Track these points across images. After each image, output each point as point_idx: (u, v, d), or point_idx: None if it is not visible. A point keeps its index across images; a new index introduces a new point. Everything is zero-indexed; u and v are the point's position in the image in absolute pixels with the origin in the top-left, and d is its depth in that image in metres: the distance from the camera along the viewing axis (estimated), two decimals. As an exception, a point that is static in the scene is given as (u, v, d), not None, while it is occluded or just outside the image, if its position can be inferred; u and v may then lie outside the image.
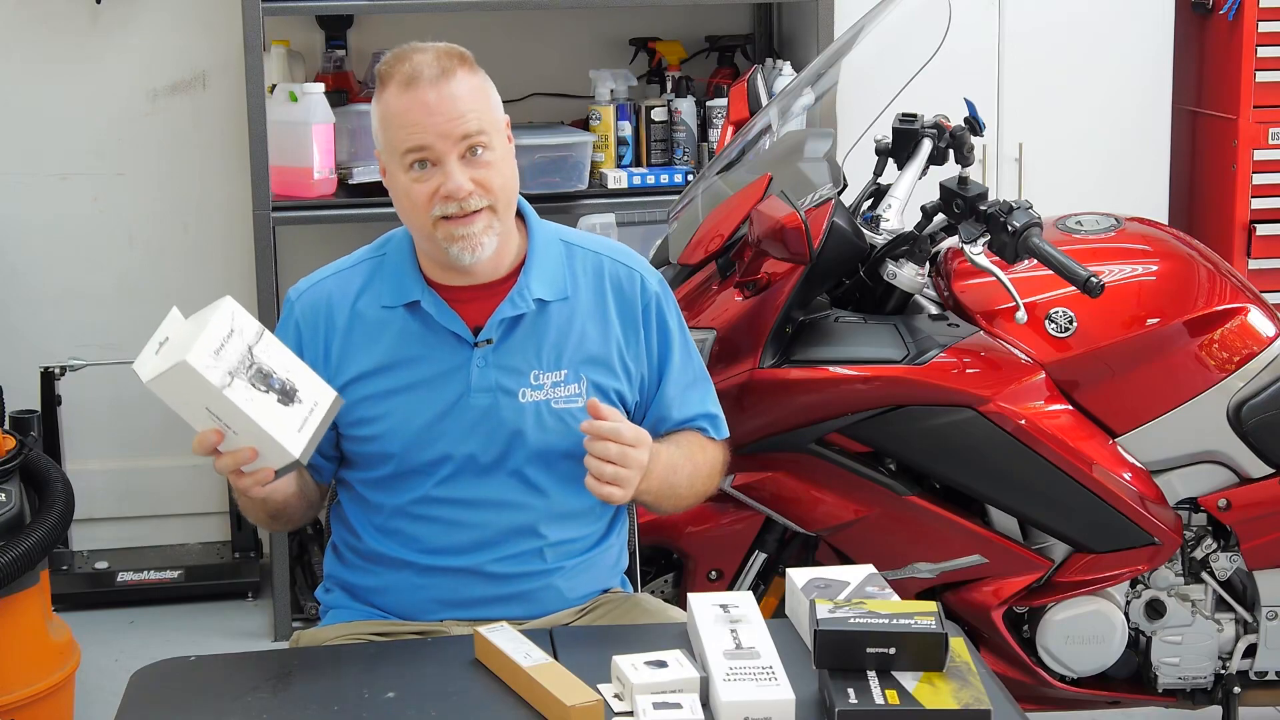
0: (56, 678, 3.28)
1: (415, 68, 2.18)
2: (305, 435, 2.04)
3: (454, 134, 2.17)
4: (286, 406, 2.03)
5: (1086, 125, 4.37)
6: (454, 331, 2.25)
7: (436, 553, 2.28)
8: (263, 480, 2.05)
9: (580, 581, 2.34)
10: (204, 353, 1.97)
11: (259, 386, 2.01)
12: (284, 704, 1.96)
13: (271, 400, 2.02)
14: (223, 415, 1.99)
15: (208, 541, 4.49)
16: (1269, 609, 3.08)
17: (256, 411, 2.00)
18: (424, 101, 2.17)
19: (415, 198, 2.20)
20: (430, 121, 2.17)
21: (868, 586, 2.07)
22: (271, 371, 2.03)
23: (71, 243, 4.40)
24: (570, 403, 2.27)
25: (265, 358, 2.03)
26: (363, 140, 4.13)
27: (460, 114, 2.18)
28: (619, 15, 4.50)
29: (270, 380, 2.02)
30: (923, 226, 3.00)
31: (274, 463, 2.04)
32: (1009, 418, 2.91)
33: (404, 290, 2.27)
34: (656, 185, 4.17)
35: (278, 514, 2.27)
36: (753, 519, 3.08)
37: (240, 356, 2.00)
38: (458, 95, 2.19)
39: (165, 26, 4.35)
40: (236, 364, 1.99)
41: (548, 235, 2.34)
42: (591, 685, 1.88)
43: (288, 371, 2.05)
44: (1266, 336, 3.02)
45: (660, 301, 2.36)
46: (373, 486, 2.30)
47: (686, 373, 2.38)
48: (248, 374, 2.00)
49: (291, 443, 2.03)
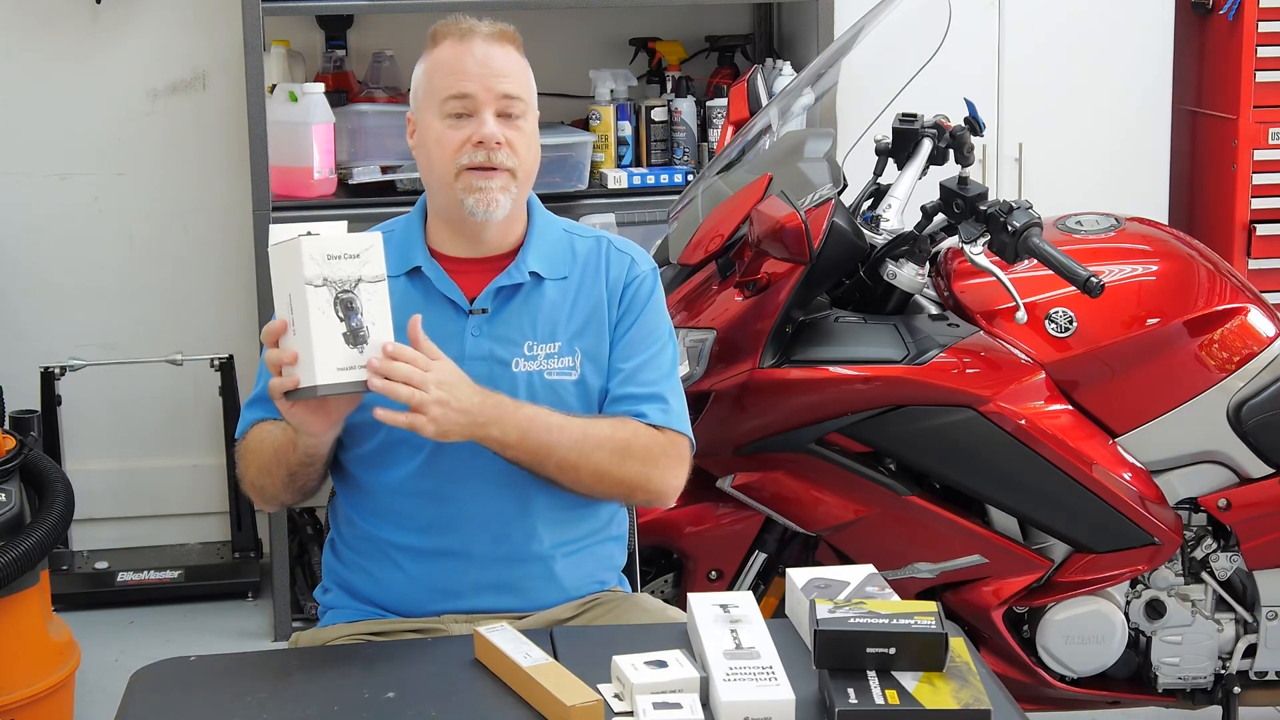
0: (56, 678, 3.28)
1: (473, 26, 2.31)
2: (341, 377, 2.03)
3: (496, 89, 2.27)
4: (349, 346, 2.04)
5: (1086, 125, 4.37)
6: (450, 299, 2.29)
7: (429, 531, 2.28)
8: (285, 386, 2.05)
9: (578, 571, 2.34)
10: (320, 249, 2.01)
11: (339, 310, 2.03)
12: (284, 704, 1.95)
13: (339, 329, 2.03)
14: (296, 310, 2.02)
15: (208, 541, 4.49)
16: (1269, 609, 3.08)
17: (318, 323, 2.01)
18: (474, 54, 2.28)
19: (446, 143, 2.27)
20: (478, 72, 2.27)
21: (868, 586, 2.07)
22: (359, 310, 2.04)
23: (71, 243, 4.40)
24: (564, 375, 2.29)
25: (365, 297, 2.05)
26: (363, 140, 4.13)
27: (505, 73, 2.29)
28: (619, 15, 4.50)
29: (351, 315, 2.04)
30: (923, 226, 3.00)
31: (302, 378, 2.04)
32: (1009, 418, 2.92)
33: (407, 258, 2.32)
34: (656, 185, 4.18)
35: (297, 474, 2.26)
36: (753, 519, 3.08)
37: (345, 277, 2.03)
38: (507, 59, 2.30)
39: (165, 26, 4.35)
40: (338, 279, 2.02)
41: (549, 221, 2.40)
42: (591, 685, 1.88)
43: (374, 324, 2.06)
44: (1266, 336, 3.02)
45: (642, 284, 2.36)
46: (364, 464, 2.31)
47: (643, 352, 2.34)
48: (338, 292, 2.02)
49: (324, 371, 2.02)
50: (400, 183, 4.01)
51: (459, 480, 2.28)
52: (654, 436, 2.30)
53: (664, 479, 2.30)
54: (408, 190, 3.96)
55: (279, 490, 2.30)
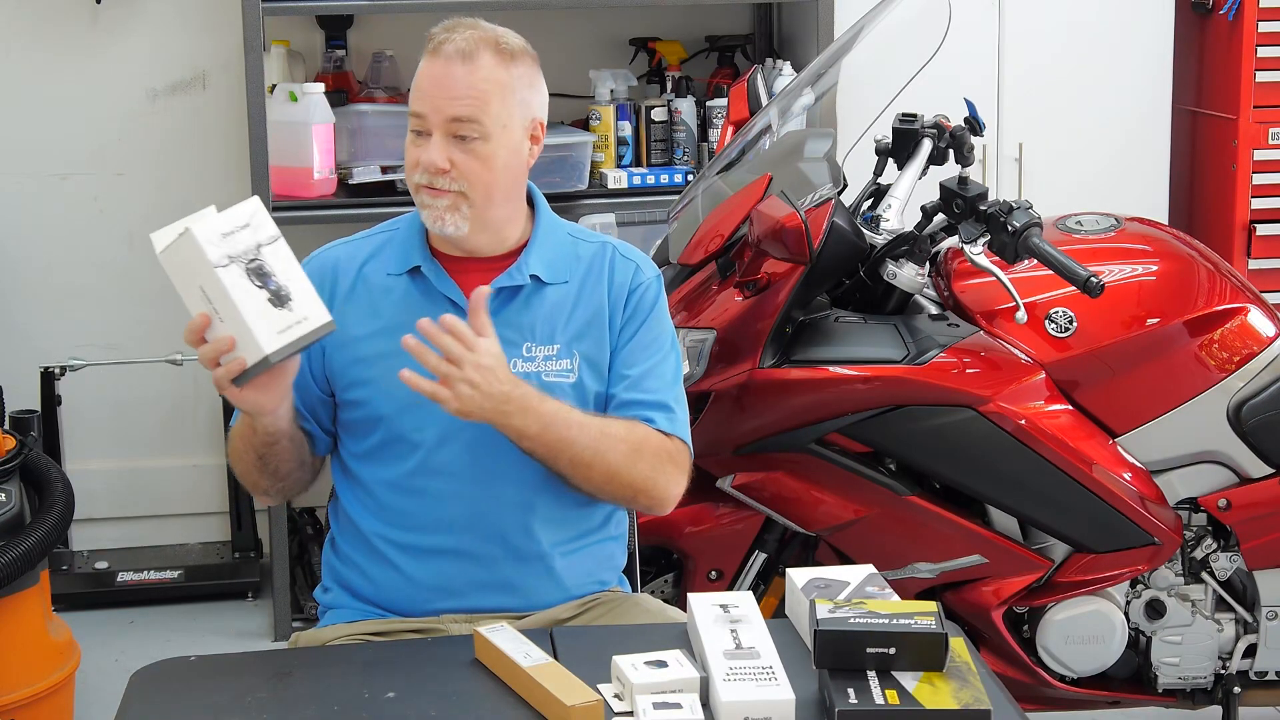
0: (56, 678, 3.28)
1: (447, 39, 2.27)
2: (284, 339, 2.05)
3: (444, 111, 2.25)
4: (276, 309, 2.05)
5: (1086, 125, 4.37)
6: (450, 298, 2.29)
7: (428, 530, 2.28)
8: (232, 372, 2.06)
9: (577, 571, 2.34)
10: (212, 231, 2.01)
11: (254, 280, 2.04)
12: (284, 704, 1.96)
13: (262, 297, 2.04)
14: (213, 298, 2.03)
15: (208, 541, 4.49)
16: (1269, 609, 3.08)
17: (242, 299, 2.02)
18: (434, 73, 2.27)
19: (409, 159, 2.30)
20: (431, 92, 2.26)
21: (868, 586, 2.07)
22: (271, 273, 2.05)
23: (71, 243, 4.39)
24: (561, 377, 2.29)
25: (271, 259, 2.06)
26: (363, 140, 4.13)
27: (457, 96, 2.24)
28: (619, 15, 4.50)
29: (267, 280, 2.05)
30: (923, 226, 3.00)
31: (249, 357, 2.04)
32: (1009, 418, 2.92)
33: (408, 258, 2.33)
34: (656, 185, 4.17)
35: (266, 456, 2.27)
36: (753, 519, 3.08)
37: (246, 248, 2.04)
38: (467, 79, 2.25)
39: (165, 26, 4.35)
40: (239, 253, 2.03)
41: (554, 224, 2.39)
42: (591, 685, 1.88)
43: (288, 280, 2.07)
44: (1266, 336, 3.02)
45: (647, 290, 2.36)
46: (364, 460, 2.31)
47: (649, 359, 2.34)
48: (246, 264, 2.03)
49: (267, 340, 2.03)
50: (400, 183, 4.00)
51: (459, 479, 2.28)
52: (663, 442, 2.31)
53: (668, 485, 2.31)
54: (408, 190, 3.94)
55: (259, 478, 2.31)
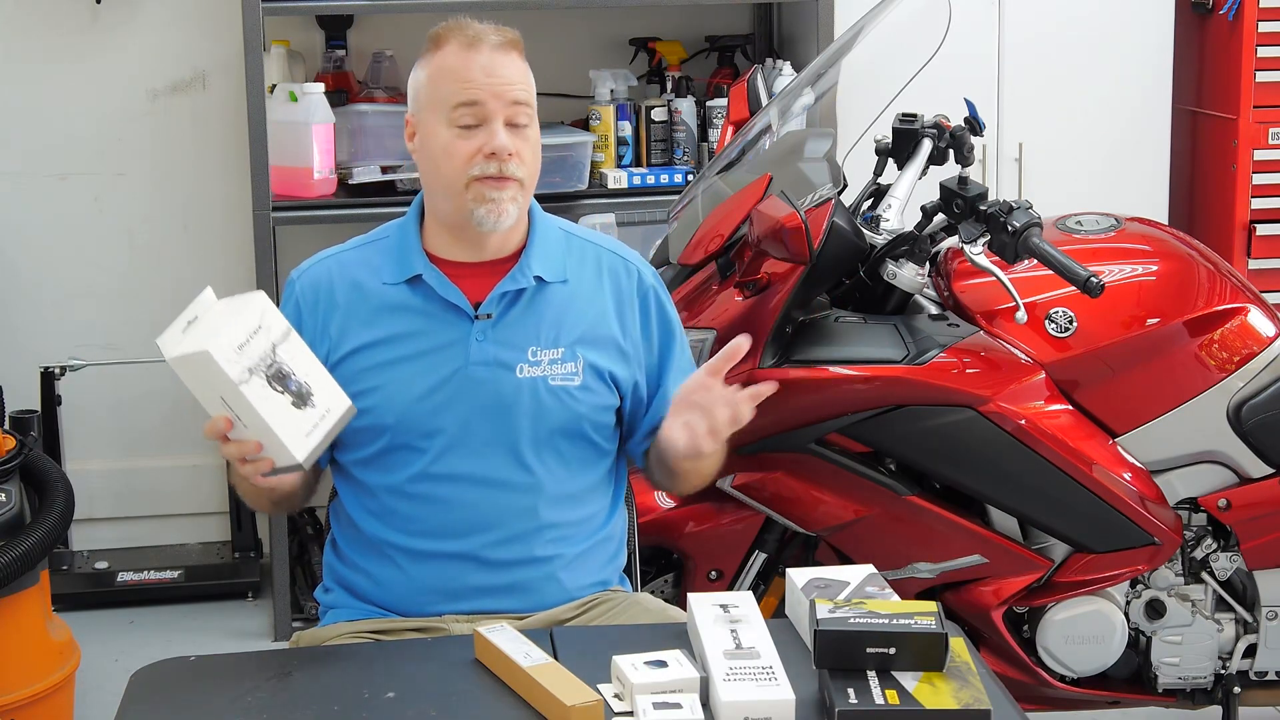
0: (56, 678, 3.28)
1: (479, 33, 2.29)
2: (312, 441, 2.06)
3: (506, 97, 2.26)
4: (299, 410, 2.05)
5: (1086, 125, 4.37)
6: (454, 305, 2.29)
7: (432, 535, 2.28)
8: (262, 470, 2.07)
9: (579, 573, 2.34)
10: (228, 346, 1.99)
11: (275, 386, 2.03)
12: (284, 704, 1.96)
13: (285, 402, 2.04)
14: (236, 408, 2.02)
15: (208, 541, 4.49)
16: (1269, 609, 3.08)
17: (269, 411, 2.02)
18: (483, 63, 2.27)
19: (455, 154, 2.26)
20: (487, 81, 2.26)
21: (868, 586, 2.07)
22: (290, 373, 2.05)
23: (71, 243, 4.40)
24: (566, 380, 2.29)
25: (287, 358, 2.05)
26: (363, 140, 4.13)
27: (514, 81, 2.28)
28: (619, 15, 4.50)
29: (288, 382, 2.05)
30: (923, 226, 3.00)
31: (279, 461, 2.06)
32: (1009, 418, 2.92)
33: (406, 265, 2.32)
34: (656, 185, 4.17)
35: (280, 501, 2.32)
36: (753, 519, 3.08)
37: (262, 354, 2.03)
38: (517, 66, 2.30)
39: (165, 26, 4.35)
40: (257, 361, 2.02)
41: (548, 223, 2.40)
42: (591, 685, 1.88)
43: (306, 375, 2.07)
44: (1266, 336, 3.02)
45: (659, 295, 2.41)
46: (365, 466, 2.31)
47: (687, 368, 2.40)
48: (267, 372, 2.02)
49: (297, 446, 2.04)
50: (400, 183, 4.00)
51: (461, 484, 2.28)
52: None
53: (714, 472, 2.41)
54: (408, 190, 3.96)
55: (261, 504, 2.36)
